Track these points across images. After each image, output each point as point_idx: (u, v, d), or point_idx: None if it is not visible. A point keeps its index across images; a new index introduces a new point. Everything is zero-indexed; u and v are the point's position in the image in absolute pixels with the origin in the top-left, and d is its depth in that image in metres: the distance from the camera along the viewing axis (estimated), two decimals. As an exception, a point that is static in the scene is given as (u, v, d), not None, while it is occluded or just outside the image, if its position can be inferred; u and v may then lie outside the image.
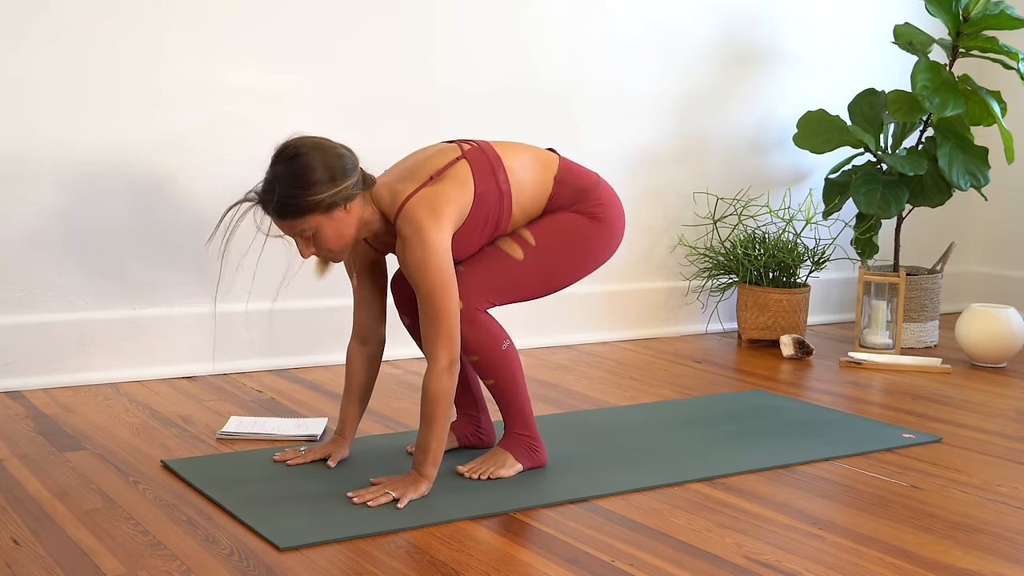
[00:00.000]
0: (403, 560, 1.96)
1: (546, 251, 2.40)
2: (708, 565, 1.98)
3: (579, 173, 2.45)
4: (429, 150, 2.39)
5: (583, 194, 2.43)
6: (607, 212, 2.44)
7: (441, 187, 2.27)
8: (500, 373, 2.38)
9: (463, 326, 2.33)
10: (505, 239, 2.41)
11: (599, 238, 2.44)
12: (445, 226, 2.24)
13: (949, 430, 2.97)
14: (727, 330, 4.35)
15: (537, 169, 2.41)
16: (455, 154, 2.34)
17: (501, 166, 2.35)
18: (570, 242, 2.41)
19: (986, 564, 2.03)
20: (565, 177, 2.43)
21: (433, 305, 2.21)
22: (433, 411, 2.24)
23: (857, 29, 4.54)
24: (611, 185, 2.54)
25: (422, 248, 2.21)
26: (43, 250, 3.10)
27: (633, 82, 4.03)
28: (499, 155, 2.36)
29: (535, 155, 2.43)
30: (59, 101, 3.07)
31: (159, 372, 3.27)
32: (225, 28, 3.26)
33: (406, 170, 2.34)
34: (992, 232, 4.97)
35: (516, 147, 2.42)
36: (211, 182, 3.29)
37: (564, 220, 2.42)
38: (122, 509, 2.18)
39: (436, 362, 2.23)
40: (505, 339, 2.38)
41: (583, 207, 2.43)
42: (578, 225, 2.42)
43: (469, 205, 2.30)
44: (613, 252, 2.50)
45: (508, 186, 2.34)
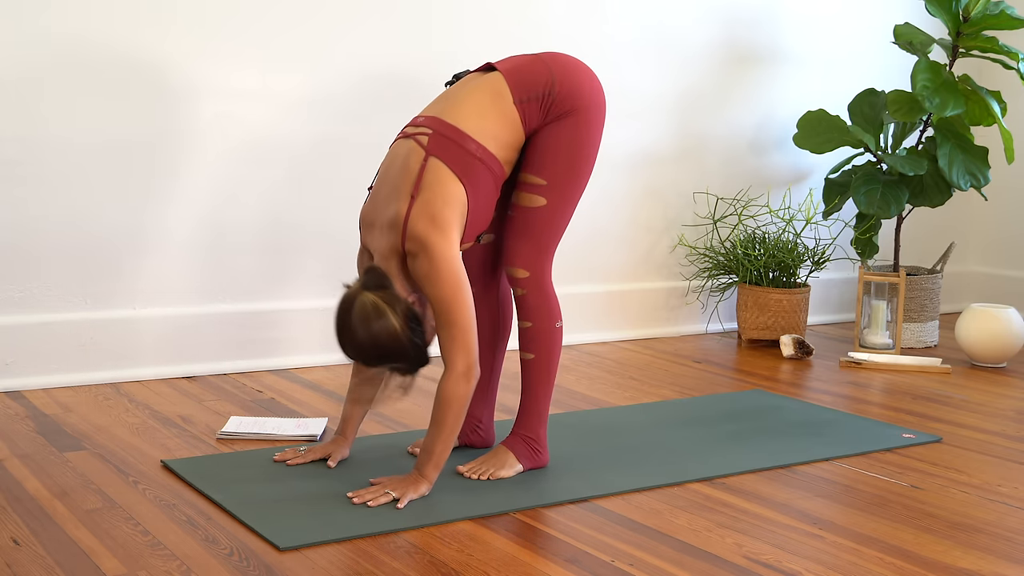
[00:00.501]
0: (403, 560, 1.96)
1: (559, 178, 2.39)
2: (708, 565, 1.98)
3: (530, 80, 2.37)
4: (396, 161, 2.33)
5: (547, 99, 2.37)
6: (576, 99, 2.39)
7: (429, 195, 2.25)
8: (543, 348, 2.42)
9: (531, 291, 2.39)
10: (521, 195, 2.40)
11: (586, 126, 2.40)
12: (449, 233, 2.24)
13: (949, 430, 2.97)
14: (727, 330, 4.35)
15: (495, 108, 2.35)
16: (420, 155, 2.29)
17: (465, 136, 2.30)
18: (569, 153, 2.39)
19: (986, 564, 2.03)
20: (522, 95, 2.36)
21: (447, 313, 2.21)
22: (444, 415, 2.23)
23: (857, 29, 4.54)
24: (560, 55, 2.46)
25: (429, 260, 2.21)
26: (43, 250, 3.10)
27: (633, 82, 4.03)
28: (456, 127, 2.31)
29: (484, 95, 2.36)
30: (59, 101, 3.07)
31: (159, 372, 3.27)
32: (225, 28, 3.26)
33: (389, 193, 2.30)
34: (992, 232, 4.97)
35: (465, 101, 2.36)
36: (211, 182, 3.29)
37: (551, 138, 2.38)
38: (122, 509, 2.18)
39: (453, 367, 2.23)
40: (560, 319, 2.44)
41: (554, 111, 2.38)
42: (564, 132, 2.38)
43: (463, 195, 2.28)
44: (604, 120, 2.46)
45: (483, 149, 2.31)
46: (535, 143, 2.39)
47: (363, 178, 3.47)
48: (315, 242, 3.48)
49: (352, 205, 3.47)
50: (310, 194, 3.45)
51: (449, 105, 2.36)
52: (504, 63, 2.41)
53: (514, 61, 2.41)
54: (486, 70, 2.43)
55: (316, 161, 3.45)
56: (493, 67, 2.43)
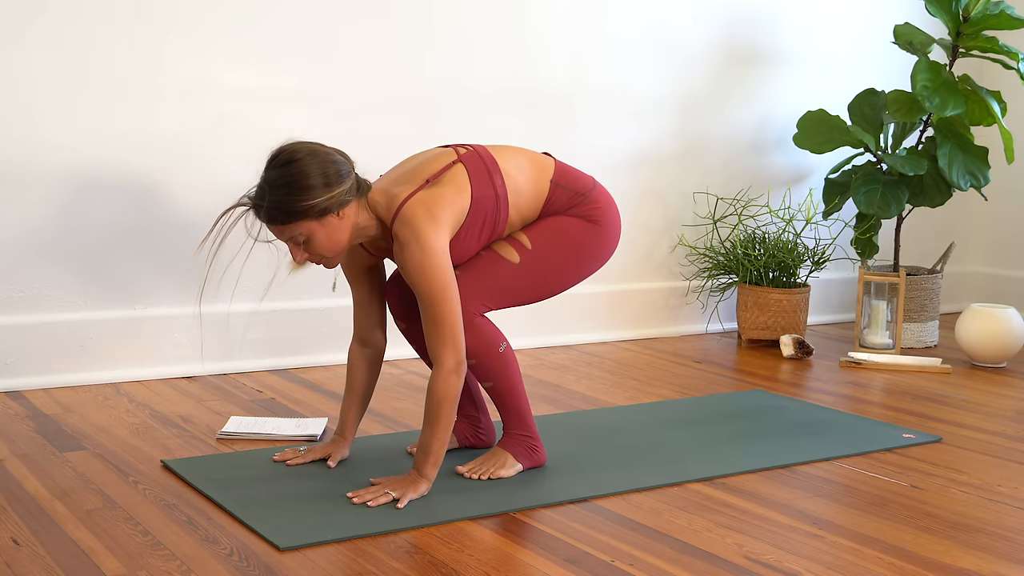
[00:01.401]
0: (403, 560, 1.96)
1: (543, 255, 2.40)
2: (708, 565, 1.98)
3: (575, 176, 2.45)
4: (425, 154, 2.39)
5: (579, 197, 2.42)
6: (603, 215, 2.44)
7: (438, 190, 2.27)
8: (498, 375, 2.38)
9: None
10: (501, 243, 2.40)
11: (596, 241, 2.44)
12: (442, 229, 2.24)
13: (949, 430, 2.97)
14: (727, 330, 4.35)
15: (533, 172, 2.41)
16: (451, 158, 2.34)
17: (497, 170, 2.35)
18: (566, 246, 2.41)
19: (986, 564, 2.03)
20: (561, 180, 2.42)
21: (435, 308, 2.21)
22: (437, 412, 2.24)
23: (857, 29, 4.54)
24: (607, 189, 2.54)
25: (420, 252, 2.20)
26: (43, 250, 3.10)
27: (633, 82, 4.03)
28: (495, 159, 2.36)
29: (531, 159, 2.43)
30: (59, 102, 3.07)
31: (159, 372, 3.27)
32: (225, 29, 3.26)
33: (402, 174, 2.34)
34: (992, 232, 4.97)
35: (512, 151, 2.42)
36: (211, 182, 3.29)
37: (560, 224, 2.42)
38: (122, 509, 2.18)
39: (442, 364, 2.23)
40: (502, 341, 2.37)
41: (579, 210, 2.42)
42: (574, 228, 2.42)
43: (466, 209, 2.30)
44: (609, 256, 2.50)
45: (505, 190, 2.34)
46: (544, 218, 2.43)
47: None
48: (315, 242, 3.48)
49: (352, 205, 3.47)
50: (310, 194, 3.45)
51: (497, 147, 2.43)
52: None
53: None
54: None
55: (316, 161, 3.45)
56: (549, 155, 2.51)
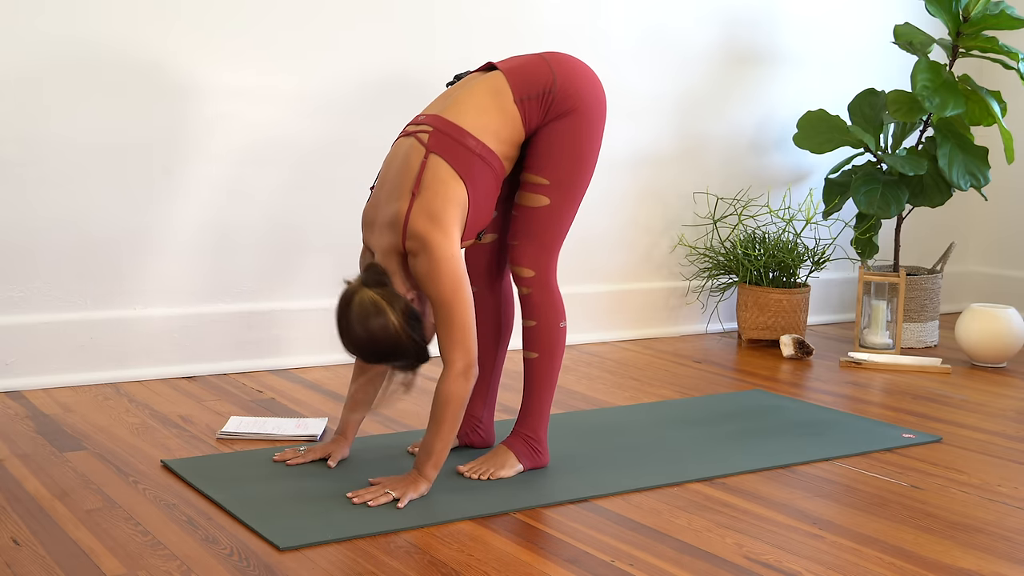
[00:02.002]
0: (403, 560, 1.96)
1: (562, 178, 2.39)
2: (708, 565, 1.98)
3: (531, 79, 2.38)
4: (396, 159, 2.34)
5: (547, 98, 2.37)
6: (577, 98, 2.38)
7: (430, 193, 2.25)
8: (547, 348, 2.43)
9: (536, 290, 2.41)
10: (524, 195, 2.40)
11: (588, 123, 2.40)
12: (449, 230, 2.24)
13: (949, 430, 2.97)
14: (727, 330, 4.35)
15: (495, 104, 2.35)
16: (420, 153, 2.29)
17: (465, 133, 2.30)
18: (571, 151, 2.39)
19: (986, 564, 2.03)
20: (522, 92, 2.36)
21: (446, 311, 2.21)
22: (443, 413, 2.23)
23: (857, 29, 4.54)
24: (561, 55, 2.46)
25: (428, 259, 2.21)
26: (43, 250, 3.10)
27: (633, 82, 4.03)
28: (457, 124, 2.31)
29: (486, 90, 2.36)
30: (59, 101, 3.07)
31: (159, 372, 3.27)
32: (224, 29, 3.26)
33: (390, 191, 2.31)
34: (992, 232, 4.97)
35: (465, 97, 2.36)
36: (211, 181, 3.29)
37: (553, 137, 2.38)
38: (122, 509, 2.18)
39: (452, 366, 2.23)
40: (564, 319, 2.46)
41: (555, 110, 2.38)
42: (566, 130, 2.38)
43: (463, 194, 2.28)
44: (605, 115, 2.46)
45: (483, 146, 2.31)
46: (536, 142, 2.39)
47: (365, 178, 3.47)
48: (316, 242, 3.48)
49: (353, 205, 3.47)
50: (311, 194, 3.45)
51: (450, 103, 2.36)
52: (505, 62, 2.41)
53: (515, 60, 2.42)
54: (487, 69, 2.44)
55: (317, 161, 3.45)
56: (494, 66, 2.43)
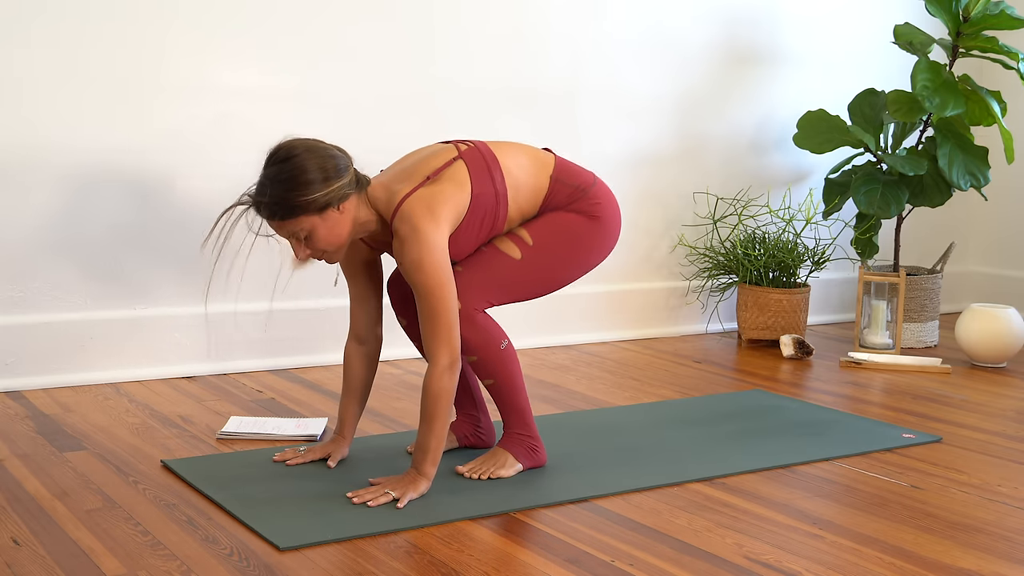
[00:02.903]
0: (403, 560, 1.96)
1: (544, 250, 2.40)
2: (708, 565, 1.98)
3: (575, 172, 2.45)
4: (425, 151, 2.39)
5: (579, 192, 2.42)
6: (604, 210, 2.44)
7: (438, 187, 2.27)
8: (499, 373, 2.38)
9: (461, 326, 2.32)
10: (502, 239, 2.40)
11: (596, 236, 2.44)
12: (442, 225, 2.24)
13: (949, 430, 2.97)
14: (727, 330, 4.35)
15: (533, 168, 2.41)
16: (452, 155, 2.34)
17: (498, 166, 2.35)
18: (567, 241, 2.41)
19: (986, 564, 2.03)
20: (561, 176, 2.43)
21: (431, 304, 2.21)
22: (433, 410, 2.24)
23: (857, 29, 4.54)
24: (607, 185, 2.54)
25: (419, 247, 2.21)
26: (43, 250, 3.10)
27: (633, 82, 4.03)
28: (495, 155, 2.36)
29: (531, 154, 2.43)
30: (59, 101, 3.07)
31: (159, 372, 3.27)
32: (225, 28, 3.26)
33: (403, 170, 2.34)
34: (992, 232, 4.97)
35: (512, 147, 2.42)
36: (211, 182, 3.29)
37: (561, 219, 2.42)
38: (122, 509, 2.18)
39: (436, 362, 2.23)
40: (503, 339, 2.37)
41: (579, 206, 2.42)
42: (575, 224, 2.42)
43: (466, 205, 2.30)
44: (610, 251, 2.50)
45: (504, 187, 2.34)
46: (545, 214, 2.44)
47: (363, 178, 3.47)
48: (315, 242, 3.48)
49: (352, 205, 3.47)
50: (310, 194, 3.45)
51: (497, 143, 2.43)
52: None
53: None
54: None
55: (316, 161, 3.45)
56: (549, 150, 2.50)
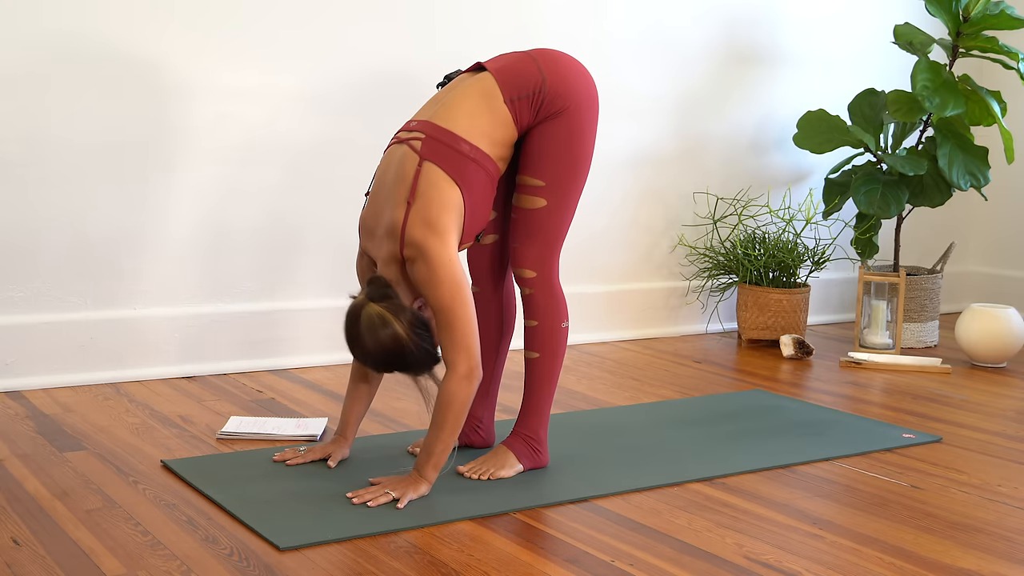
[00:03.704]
0: (403, 560, 1.96)
1: (556, 178, 2.39)
2: (708, 565, 1.98)
3: (520, 79, 2.37)
4: (391, 167, 2.34)
5: (537, 97, 2.37)
6: (567, 97, 2.38)
7: (424, 201, 2.25)
8: (548, 347, 2.43)
9: (538, 291, 2.41)
10: (521, 197, 2.41)
11: (578, 124, 2.40)
12: (446, 236, 2.24)
13: (949, 430, 2.97)
14: (727, 330, 4.35)
15: (486, 106, 2.35)
16: (414, 162, 2.29)
17: (457, 138, 2.30)
18: (564, 152, 2.39)
19: (986, 564, 2.03)
20: (512, 94, 2.36)
21: (449, 315, 2.22)
22: (445, 416, 2.23)
23: (857, 29, 4.54)
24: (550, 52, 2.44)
25: (426, 266, 2.22)
26: (43, 250, 3.10)
27: (633, 82, 4.03)
28: (449, 130, 2.31)
29: (477, 94, 2.36)
30: (59, 101, 3.07)
31: (159, 372, 3.27)
32: (225, 26, 3.26)
33: (386, 199, 2.31)
34: (992, 232, 4.97)
35: (456, 103, 2.35)
36: (211, 182, 3.29)
37: (545, 139, 2.38)
38: (122, 509, 2.18)
39: (455, 369, 2.23)
40: (566, 319, 2.46)
41: (545, 110, 2.38)
42: (556, 132, 2.38)
43: (459, 198, 2.28)
44: (597, 116, 2.45)
45: (476, 149, 2.31)
46: (530, 143, 2.40)
47: (362, 177, 3.47)
48: (314, 242, 3.48)
49: (351, 205, 3.47)
50: (309, 194, 3.45)
51: (440, 108, 2.36)
52: (494, 62, 2.41)
53: (504, 60, 2.41)
54: (476, 70, 2.44)
55: (315, 161, 3.45)
56: (483, 67, 2.43)
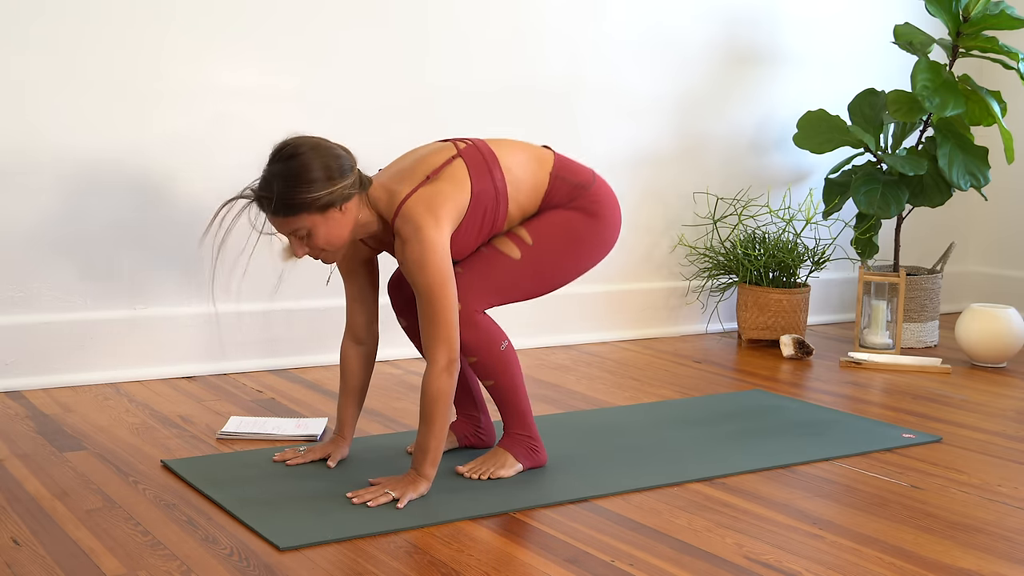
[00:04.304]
0: (403, 560, 1.96)
1: (543, 250, 2.40)
2: (708, 565, 1.98)
3: (575, 169, 2.45)
4: (424, 149, 2.39)
5: (579, 190, 2.42)
6: (603, 208, 2.44)
7: (438, 186, 2.27)
8: (499, 374, 2.38)
9: (461, 328, 2.32)
10: (502, 239, 2.40)
11: (596, 234, 2.44)
12: (443, 225, 2.24)
13: (949, 430, 2.97)
14: (727, 330, 4.35)
15: (533, 166, 2.40)
16: (451, 153, 2.33)
17: (497, 164, 2.35)
18: (567, 240, 2.41)
19: (986, 564, 2.03)
20: (561, 173, 2.42)
21: (432, 304, 2.21)
22: (432, 411, 2.23)
23: (857, 29, 4.54)
24: (607, 181, 2.54)
25: (420, 247, 2.21)
26: (43, 250, 3.10)
27: (633, 82, 4.03)
28: (495, 153, 2.36)
29: (531, 152, 2.43)
30: (59, 101, 3.07)
31: (159, 372, 3.27)
32: (225, 29, 3.26)
33: (402, 170, 2.34)
34: (992, 232, 4.97)
35: (512, 144, 2.42)
36: (210, 182, 3.29)
37: (561, 217, 2.42)
38: (122, 509, 2.18)
39: (435, 362, 2.23)
40: (504, 340, 2.37)
41: (579, 203, 2.42)
42: (575, 222, 2.42)
43: (467, 204, 2.30)
44: (610, 248, 2.50)
45: (504, 184, 2.34)
46: (545, 212, 2.43)
47: (363, 178, 3.47)
48: (315, 242, 3.48)
49: (352, 205, 3.47)
50: (310, 194, 3.45)
51: (496, 140, 2.42)
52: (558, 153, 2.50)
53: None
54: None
55: (316, 161, 3.45)
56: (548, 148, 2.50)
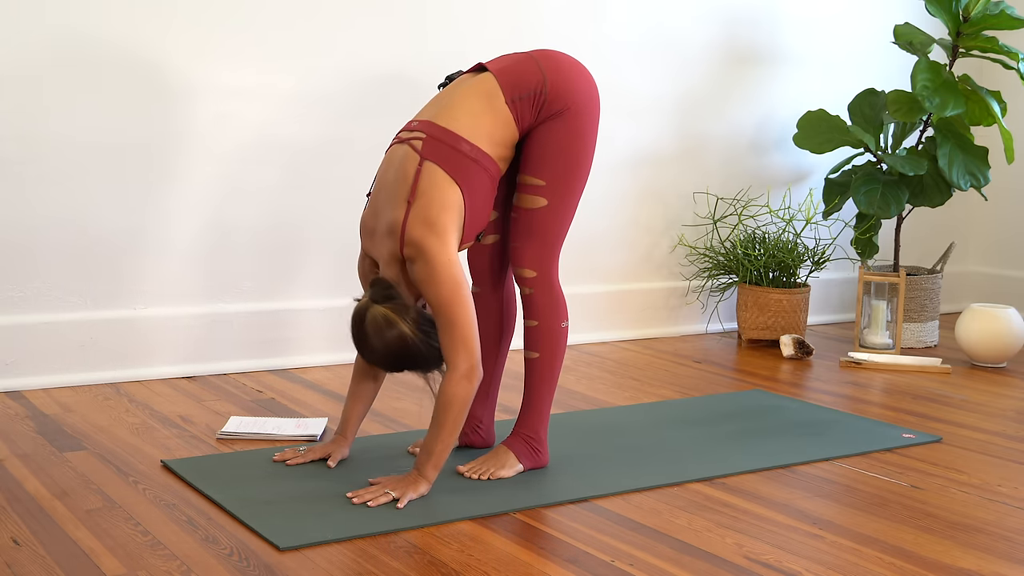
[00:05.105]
0: (403, 560, 1.96)
1: (557, 178, 2.39)
2: (708, 565, 1.98)
3: (521, 79, 2.37)
4: (392, 167, 2.34)
5: (539, 98, 2.37)
6: (568, 97, 2.38)
7: (425, 200, 2.25)
8: (548, 347, 2.44)
9: (538, 289, 2.41)
10: (522, 197, 2.41)
11: (579, 124, 2.40)
12: (446, 236, 2.24)
13: (949, 430, 2.97)
14: (727, 330, 4.35)
15: (488, 108, 2.35)
16: (415, 161, 2.30)
17: (459, 139, 2.30)
18: (565, 152, 2.39)
19: (986, 564, 2.03)
20: (513, 94, 2.36)
21: (448, 314, 2.22)
22: (445, 415, 2.24)
23: (857, 29, 4.54)
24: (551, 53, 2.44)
25: (427, 265, 2.22)
26: (43, 250, 3.10)
27: (633, 82, 4.03)
28: (448, 129, 2.31)
29: (477, 92, 2.37)
30: (59, 101, 3.07)
31: (159, 372, 3.27)
32: (224, 27, 3.26)
33: (386, 199, 2.32)
34: (992, 232, 4.97)
35: (457, 103, 2.36)
36: (210, 181, 3.29)
37: (546, 139, 2.38)
38: (122, 509, 2.18)
39: (455, 368, 2.23)
40: (566, 319, 2.46)
41: (547, 110, 2.38)
42: (557, 132, 2.38)
43: (459, 198, 2.28)
44: (598, 116, 2.45)
45: (477, 149, 2.31)
46: (531, 143, 2.40)
47: (363, 178, 3.47)
48: (315, 242, 3.48)
49: (352, 205, 3.47)
50: (310, 194, 3.45)
51: (442, 108, 2.37)
52: (495, 63, 2.42)
53: (505, 60, 2.42)
54: (477, 70, 2.44)
55: (316, 161, 3.45)
56: (484, 67, 2.43)
